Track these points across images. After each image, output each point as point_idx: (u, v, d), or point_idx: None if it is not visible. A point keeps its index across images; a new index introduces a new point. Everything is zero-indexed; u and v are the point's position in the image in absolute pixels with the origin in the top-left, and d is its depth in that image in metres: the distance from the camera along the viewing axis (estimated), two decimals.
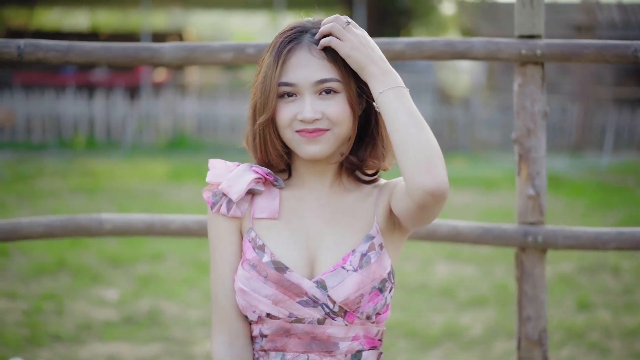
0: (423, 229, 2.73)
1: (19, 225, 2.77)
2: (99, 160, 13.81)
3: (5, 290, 5.91)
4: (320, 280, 1.88)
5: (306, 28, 1.94)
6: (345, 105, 1.89)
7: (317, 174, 1.97)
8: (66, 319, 5.32)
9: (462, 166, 14.14)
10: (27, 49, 2.60)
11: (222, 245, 1.96)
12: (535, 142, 2.63)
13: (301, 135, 1.88)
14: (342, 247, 1.92)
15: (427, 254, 7.32)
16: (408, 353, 4.85)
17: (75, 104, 16.64)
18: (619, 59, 2.54)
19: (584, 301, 5.83)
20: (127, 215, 2.81)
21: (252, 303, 1.90)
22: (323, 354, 1.91)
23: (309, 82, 1.87)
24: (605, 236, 2.67)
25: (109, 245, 7.32)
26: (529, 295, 2.68)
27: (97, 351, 4.73)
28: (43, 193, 10.32)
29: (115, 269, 6.65)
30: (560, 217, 9.30)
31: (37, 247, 7.20)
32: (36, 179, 11.56)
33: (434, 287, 6.29)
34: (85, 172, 12.34)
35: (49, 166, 13.09)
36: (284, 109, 1.89)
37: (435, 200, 1.77)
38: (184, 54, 2.63)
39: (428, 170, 1.75)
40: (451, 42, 2.62)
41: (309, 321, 1.89)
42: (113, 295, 5.90)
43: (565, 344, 5.01)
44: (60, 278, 6.36)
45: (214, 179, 1.96)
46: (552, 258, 7.18)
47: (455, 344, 5.02)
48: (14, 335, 4.92)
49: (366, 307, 1.89)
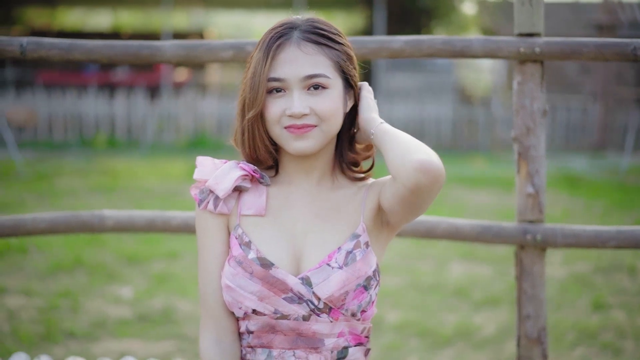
0: (423, 227, 2.73)
1: (22, 221, 2.81)
2: (119, 160, 13.89)
3: (21, 288, 5.97)
4: (305, 277, 1.89)
5: (295, 24, 1.95)
6: (333, 101, 1.90)
7: (304, 171, 1.98)
8: (81, 316, 5.36)
9: (481, 166, 14.10)
10: (29, 47, 2.63)
11: (210, 242, 1.97)
12: (534, 141, 2.63)
13: (289, 131, 1.89)
14: (327, 244, 1.92)
15: (442, 254, 7.31)
16: (419, 352, 4.84)
17: (97, 103, 16.75)
18: (618, 57, 2.53)
19: (599, 301, 5.80)
20: (128, 212, 2.83)
21: (238, 299, 1.91)
22: (309, 350, 1.92)
23: (297, 77, 1.88)
24: (604, 235, 2.66)
25: (126, 244, 7.37)
26: (528, 293, 2.67)
27: (110, 348, 4.76)
28: (62, 192, 10.39)
29: (131, 267, 6.69)
30: (579, 217, 9.26)
31: (54, 244, 7.27)
32: (56, 178, 11.65)
33: (448, 287, 6.27)
34: (105, 171, 12.42)
35: (70, 165, 13.19)
36: (273, 104, 1.90)
37: (428, 178, 1.75)
38: (185, 52, 2.65)
39: (418, 150, 1.79)
40: (450, 40, 2.62)
41: (294, 317, 1.90)
42: (128, 293, 5.94)
43: (578, 344, 4.98)
44: (77, 276, 6.40)
45: (201, 176, 1.98)
46: (568, 258, 7.17)
47: (467, 343, 5.00)
48: (28, 332, 4.97)
49: (351, 304, 1.90)
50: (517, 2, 2.59)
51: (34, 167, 12.68)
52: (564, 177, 12.63)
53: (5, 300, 5.65)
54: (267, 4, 22.63)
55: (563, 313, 5.59)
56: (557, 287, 6.25)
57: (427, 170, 1.75)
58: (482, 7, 23.27)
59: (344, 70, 1.93)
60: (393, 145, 1.83)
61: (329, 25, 1.96)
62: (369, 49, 2.61)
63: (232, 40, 2.61)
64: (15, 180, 11.29)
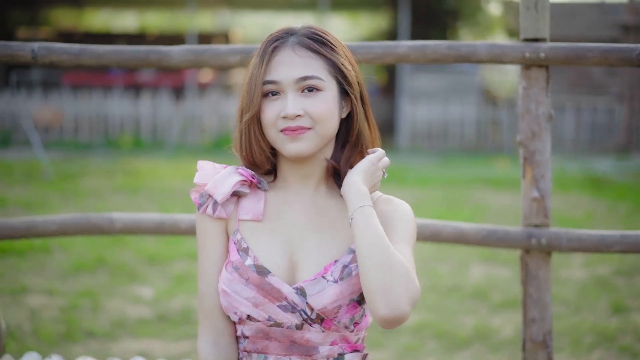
0: (428, 230, 2.75)
1: (34, 223, 2.86)
2: (144, 160, 13.99)
3: (44, 287, 6.04)
4: (300, 288, 1.91)
5: (293, 30, 1.97)
6: (327, 104, 1.92)
7: (301, 176, 2.00)
8: (101, 316, 5.42)
9: (505, 167, 14.05)
10: (40, 52, 2.68)
11: (208, 246, 2.00)
12: (539, 145, 2.63)
13: (285, 133, 1.91)
14: (324, 255, 1.94)
15: (462, 256, 7.30)
16: (436, 354, 4.85)
17: (122, 104, 16.88)
18: (624, 63, 2.53)
19: (618, 305, 5.77)
20: (137, 215, 2.87)
21: (234, 304, 1.93)
22: (304, 357, 1.94)
23: (291, 80, 1.91)
24: (609, 239, 2.66)
25: (147, 244, 7.43)
26: (533, 297, 2.68)
27: (129, 347, 4.80)
28: (86, 192, 10.49)
29: (152, 267, 6.74)
30: (601, 219, 9.21)
31: (78, 245, 7.34)
32: (81, 178, 11.76)
33: (467, 289, 6.27)
34: (129, 172, 12.51)
35: (95, 165, 13.31)
36: (269, 107, 1.93)
37: (392, 326, 1.79)
38: (192, 57, 2.69)
39: (386, 300, 1.76)
40: (455, 45, 2.63)
41: (287, 326, 1.92)
42: (148, 293, 5.99)
43: (596, 347, 4.97)
44: (99, 276, 6.47)
45: (201, 180, 2.01)
46: (589, 261, 7.13)
47: (484, 346, 5.01)
48: (49, 331, 5.03)
49: (343, 317, 1.91)
50: (522, 7, 2.60)
51: (60, 167, 12.81)
52: (588, 179, 12.56)
53: (28, 300, 5.72)
54: (293, 5, 22.67)
55: (582, 316, 5.58)
56: (577, 290, 6.23)
57: (392, 323, 1.78)
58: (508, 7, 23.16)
59: (338, 75, 1.94)
60: (363, 259, 1.81)
61: (326, 32, 1.98)
62: (375, 54, 2.63)
63: (239, 46, 2.64)
64: (40, 180, 11.42)
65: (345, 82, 1.96)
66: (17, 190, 10.41)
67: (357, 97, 1.99)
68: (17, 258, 6.88)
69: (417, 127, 17.15)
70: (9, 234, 2.84)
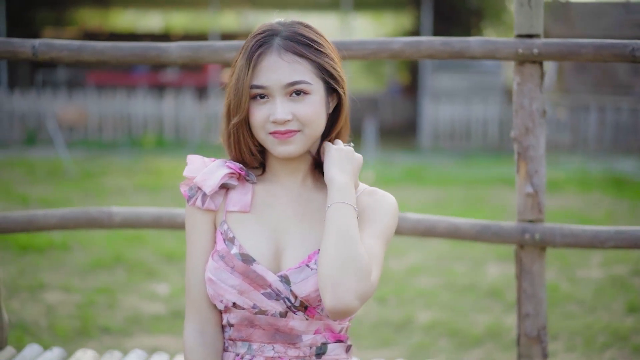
0: (422, 225, 2.76)
1: (35, 217, 2.91)
2: (167, 159, 14.07)
3: (62, 283, 6.11)
4: (284, 275, 1.94)
5: (276, 30, 1.99)
6: (315, 106, 1.95)
7: (290, 171, 2.04)
8: (117, 312, 5.48)
9: None
10: (41, 48, 2.72)
11: (196, 237, 2.04)
12: (533, 141, 2.63)
13: (274, 137, 1.95)
14: (308, 244, 1.97)
15: (478, 255, 7.29)
16: (447, 352, 4.86)
17: (146, 103, 16.99)
18: (617, 58, 2.52)
19: (633, 305, 5.75)
20: (136, 209, 2.92)
21: (219, 292, 1.97)
22: (287, 345, 1.98)
23: (279, 85, 1.93)
24: (603, 235, 2.65)
25: (166, 242, 7.49)
26: (527, 292, 2.68)
27: (143, 343, 4.85)
28: (108, 190, 10.58)
29: (169, 264, 6.80)
30: (622, 219, 9.16)
31: (97, 242, 7.42)
32: (103, 177, 11.86)
33: (482, 288, 6.27)
34: (151, 171, 12.60)
35: (117, 164, 13.41)
36: (257, 110, 1.96)
37: (338, 317, 1.83)
38: (190, 53, 2.72)
39: (333, 293, 1.80)
40: (448, 41, 2.64)
41: (271, 313, 1.96)
42: (164, 289, 6.05)
43: (609, 346, 4.95)
44: (116, 272, 6.53)
45: (190, 174, 2.06)
46: (607, 260, 7.10)
47: (496, 344, 5.00)
48: (65, 327, 5.09)
49: None
50: (516, 4, 2.60)
51: (83, 165, 12.92)
52: (610, 179, 12.49)
53: (45, 296, 5.79)
54: (316, 5, 22.71)
55: (597, 315, 5.56)
56: (592, 289, 6.21)
57: (337, 314, 1.82)
58: None
59: (325, 75, 1.97)
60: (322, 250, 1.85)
61: (310, 29, 2.00)
62: (369, 50, 2.65)
63: (236, 42, 2.67)
64: (62, 178, 11.53)
65: (333, 81, 1.99)
66: (39, 188, 10.52)
67: (345, 93, 2.03)
68: (36, 255, 6.97)
69: (439, 127, 17.12)
70: (10, 227, 2.89)
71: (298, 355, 1.98)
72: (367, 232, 1.93)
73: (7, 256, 6.85)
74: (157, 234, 7.74)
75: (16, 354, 2.98)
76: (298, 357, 1.98)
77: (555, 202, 10.42)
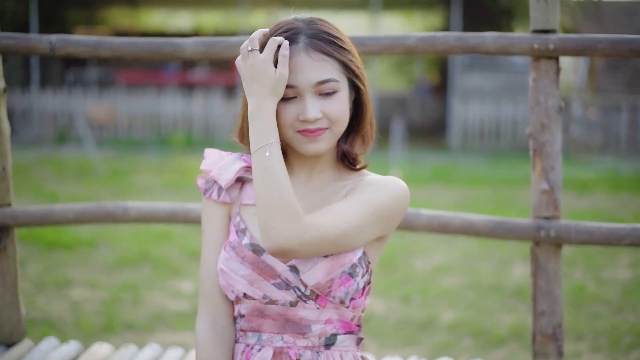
0: (437, 221, 2.75)
1: (52, 211, 2.93)
2: (195, 158, 14.13)
3: (88, 280, 6.16)
4: (293, 265, 1.95)
5: (299, 29, 1.98)
6: (342, 103, 1.95)
7: (307, 165, 2.05)
8: (141, 309, 5.51)
9: None
10: (58, 44, 2.74)
11: (211, 229, 2.06)
12: (549, 137, 2.60)
13: (303, 135, 1.94)
14: None
15: (505, 255, 7.25)
16: (471, 352, 4.83)
17: (175, 102, 17.09)
18: (634, 54, 2.48)
19: None
20: (151, 204, 2.93)
21: (230, 282, 1.98)
22: (296, 335, 1.98)
23: (309, 84, 1.93)
24: (619, 232, 2.62)
25: (192, 239, 7.52)
26: (542, 289, 2.66)
27: (166, 340, 4.87)
28: (136, 188, 10.65)
29: (194, 262, 6.82)
30: None
31: (124, 239, 7.47)
32: (132, 175, 11.94)
33: (508, 288, 6.23)
34: (179, 169, 12.66)
35: (146, 163, 13.49)
36: (286, 110, 1.94)
37: (280, 257, 1.87)
38: (204, 48, 2.73)
39: (266, 232, 1.84)
40: (463, 36, 2.62)
41: (281, 303, 1.97)
42: (188, 287, 6.07)
43: (635, 347, 4.90)
44: (142, 270, 6.57)
45: (207, 167, 2.09)
46: (636, 261, 7.02)
47: (520, 344, 4.97)
48: (89, 323, 5.13)
49: (337, 291, 1.94)
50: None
51: (112, 164, 13.02)
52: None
53: (71, 292, 5.84)
54: (346, 4, 22.69)
55: (623, 316, 5.50)
56: (619, 290, 6.15)
57: (277, 254, 1.86)
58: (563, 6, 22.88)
59: (349, 73, 1.97)
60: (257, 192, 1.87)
61: (330, 27, 1.99)
62: (383, 46, 2.63)
63: None
64: (91, 177, 11.62)
65: (356, 78, 1.99)
66: (68, 186, 10.61)
67: (367, 89, 2.03)
68: (64, 252, 7.03)
69: (468, 127, 17.04)
70: (28, 221, 2.91)
71: (307, 346, 1.99)
72: (345, 200, 1.94)
73: (35, 253, 6.92)
74: (184, 232, 7.78)
75: (33, 346, 3.01)
76: (307, 347, 1.99)
77: (584, 203, 10.33)
